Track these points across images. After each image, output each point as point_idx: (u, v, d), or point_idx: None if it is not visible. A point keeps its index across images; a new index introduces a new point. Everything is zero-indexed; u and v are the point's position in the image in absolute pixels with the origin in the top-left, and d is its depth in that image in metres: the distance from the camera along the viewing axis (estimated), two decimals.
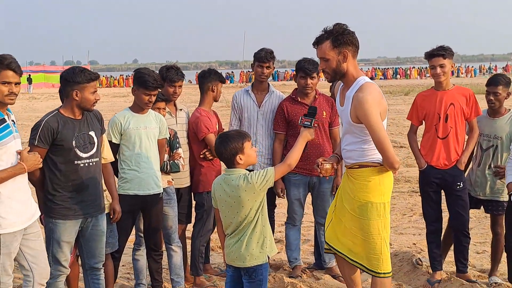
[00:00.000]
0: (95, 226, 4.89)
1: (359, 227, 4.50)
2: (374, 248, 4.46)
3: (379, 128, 4.24)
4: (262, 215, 4.18)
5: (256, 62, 6.35)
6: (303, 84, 6.08)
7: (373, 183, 4.43)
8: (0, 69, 4.15)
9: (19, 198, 4.28)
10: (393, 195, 10.22)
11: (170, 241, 5.82)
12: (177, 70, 6.02)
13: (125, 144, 5.42)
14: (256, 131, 6.37)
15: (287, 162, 4.20)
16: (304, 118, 4.41)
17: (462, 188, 5.87)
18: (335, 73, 4.42)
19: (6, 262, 4.22)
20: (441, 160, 5.86)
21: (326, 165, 4.59)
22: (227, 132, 4.32)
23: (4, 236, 4.19)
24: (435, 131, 5.86)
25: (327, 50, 4.35)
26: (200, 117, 5.98)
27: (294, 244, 6.37)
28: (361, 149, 4.44)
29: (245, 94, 6.49)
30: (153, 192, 5.45)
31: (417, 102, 6.07)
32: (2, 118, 4.21)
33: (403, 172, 11.91)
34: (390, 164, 4.33)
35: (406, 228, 8.35)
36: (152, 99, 5.40)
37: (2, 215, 4.16)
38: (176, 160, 5.78)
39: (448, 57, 5.80)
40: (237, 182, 4.08)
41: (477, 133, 5.90)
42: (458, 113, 5.78)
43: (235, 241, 4.18)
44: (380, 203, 4.43)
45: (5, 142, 4.17)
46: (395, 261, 6.64)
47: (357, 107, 4.26)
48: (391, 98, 32.45)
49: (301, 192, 6.23)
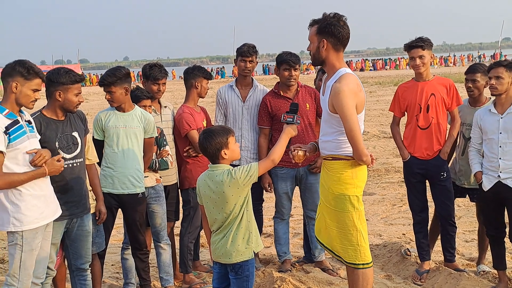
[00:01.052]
0: (81, 226, 4.88)
1: (335, 219, 4.52)
2: (351, 240, 4.47)
3: (352, 120, 4.26)
4: (247, 210, 4.18)
5: (239, 57, 6.36)
6: (287, 76, 6.07)
7: (345, 175, 4.44)
8: (32, 77, 4.25)
9: (40, 195, 4.34)
10: (383, 186, 10.31)
11: (159, 239, 5.82)
12: (160, 68, 6.00)
13: (106, 142, 5.42)
14: (241, 126, 6.37)
15: (271, 157, 4.20)
16: (286, 115, 4.43)
17: (446, 177, 5.90)
18: (314, 57, 4.53)
19: (27, 260, 4.28)
20: (424, 150, 5.88)
21: (299, 152, 4.60)
22: (211, 128, 4.32)
23: (25, 233, 4.25)
24: (416, 121, 5.89)
25: (312, 34, 4.49)
26: (182, 114, 5.99)
27: (283, 238, 6.38)
28: (337, 140, 4.45)
29: (229, 89, 6.50)
30: (128, 192, 5.39)
31: (398, 93, 6.10)
32: (15, 119, 4.26)
33: (393, 162, 11.96)
34: (359, 156, 4.35)
35: (396, 219, 8.37)
36: (108, 97, 5.38)
37: (23, 212, 4.24)
38: (165, 157, 5.78)
39: (427, 48, 5.82)
40: (221, 178, 4.08)
41: (459, 123, 5.92)
42: (439, 103, 5.80)
43: (220, 238, 4.18)
44: (354, 195, 4.45)
45: (19, 142, 4.22)
46: (384, 252, 6.67)
47: (334, 97, 4.30)
48: (381, 89, 32.54)
49: (288, 186, 6.23)
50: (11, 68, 4.26)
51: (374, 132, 15.96)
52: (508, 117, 5.37)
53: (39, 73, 4.30)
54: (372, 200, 9.39)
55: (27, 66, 4.26)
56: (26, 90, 4.25)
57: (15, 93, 4.24)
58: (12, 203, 4.22)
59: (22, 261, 4.25)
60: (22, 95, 4.25)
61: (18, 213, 4.22)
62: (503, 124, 5.38)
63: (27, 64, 4.27)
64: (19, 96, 4.25)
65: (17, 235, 4.25)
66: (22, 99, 4.26)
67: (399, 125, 6.19)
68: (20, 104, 4.30)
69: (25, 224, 4.24)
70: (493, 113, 5.47)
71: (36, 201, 4.30)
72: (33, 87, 4.28)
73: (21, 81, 4.23)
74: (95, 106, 27.96)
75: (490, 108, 5.51)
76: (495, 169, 5.39)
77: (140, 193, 5.47)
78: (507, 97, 5.41)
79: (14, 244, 4.26)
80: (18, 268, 4.25)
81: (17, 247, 4.24)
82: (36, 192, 4.30)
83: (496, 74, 5.39)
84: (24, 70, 4.24)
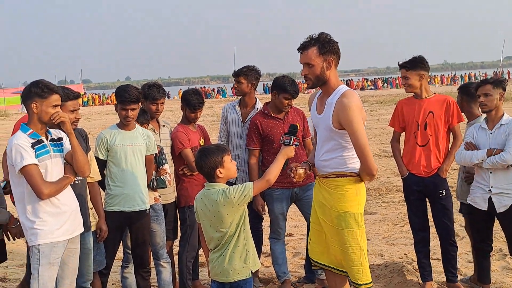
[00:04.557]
0: (82, 244, 4.86)
1: (337, 238, 4.49)
2: (353, 259, 4.45)
3: (362, 134, 4.29)
4: (244, 229, 4.18)
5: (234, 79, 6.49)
6: (285, 104, 6.08)
7: (350, 193, 4.44)
8: (48, 94, 4.35)
9: (57, 212, 4.40)
10: (384, 205, 10.26)
11: (158, 257, 5.81)
12: (159, 88, 6.04)
13: (112, 161, 5.43)
14: (239, 145, 6.41)
15: (266, 178, 4.20)
16: (284, 136, 4.44)
17: (445, 196, 5.87)
18: (317, 79, 4.45)
19: (45, 273, 4.33)
20: (422, 168, 5.88)
21: (300, 170, 4.60)
22: (207, 146, 4.36)
23: (41, 247, 4.32)
24: (414, 138, 5.92)
25: (313, 56, 4.40)
26: (176, 132, 6.08)
27: (280, 258, 6.33)
28: (341, 157, 4.45)
29: (232, 108, 6.56)
30: (139, 209, 5.44)
31: (398, 108, 6.14)
32: (39, 139, 4.37)
33: (394, 181, 11.91)
34: (370, 171, 4.36)
35: (397, 239, 8.32)
36: (129, 114, 5.40)
37: (37, 227, 4.33)
38: (163, 176, 5.78)
39: (412, 69, 5.86)
40: (216, 197, 4.09)
41: (460, 140, 5.88)
42: (438, 120, 5.80)
43: (218, 256, 4.18)
44: (358, 213, 4.44)
45: (41, 160, 4.32)
46: (385, 272, 6.61)
47: (341, 113, 4.30)
48: (381, 107, 32.55)
49: (284, 206, 6.21)
50: (28, 91, 4.37)
51: (375, 151, 15.93)
52: (497, 132, 5.48)
53: (54, 89, 4.39)
54: (374, 220, 9.34)
55: (40, 85, 4.36)
56: (45, 108, 4.34)
57: (37, 113, 4.34)
58: (28, 219, 4.34)
59: (39, 275, 4.31)
60: (43, 113, 4.35)
61: (33, 229, 4.32)
62: (493, 139, 5.49)
63: (41, 84, 4.38)
64: (41, 115, 4.35)
65: (35, 249, 4.32)
66: (44, 117, 4.36)
67: (399, 141, 6.21)
68: (44, 123, 4.39)
69: (40, 238, 4.31)
70: (483, 128, 5.60)
71: (52, 218, 4.36)
72: (52, 104, 4.37)
73: (39, 101, 4.33)
74: (97, 125, 28.04)
75: (481, 124, 5.64)
76: (486, 183, 5.48)
77: (147, 209, 5.51)
78: (496, 113, 5.52)
79: (32, 259, 4.35)
80: (36, 283, 4.31)
81: (35, 261, 4.33)
82: (51, 210, 4.37)
83: (484, 91, 5.50)
84: (39, 90, 4.33)
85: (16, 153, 4.24)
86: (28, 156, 4.24)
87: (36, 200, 4.30)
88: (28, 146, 4.27)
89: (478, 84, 5.67)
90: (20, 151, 4.23)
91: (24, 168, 4.22)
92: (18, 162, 4.23)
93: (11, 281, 6.93)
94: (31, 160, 4.24)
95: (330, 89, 4.48)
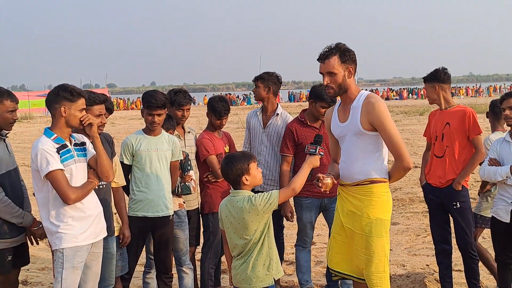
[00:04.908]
0: (105, 249, 4.89)
1: (364, 246, 4.47)
2: (378, 266, 4.44)
3: (394, 129, 4.39)
4: (269, 237, 4.19)
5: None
6: (322, 112, 6.04)
7: (383, 199, 4.47)
8: (76, 98, 4.41)
9: (81, 217, 4.42)
10: (407, 215, 10.22)
11: (181, 263, 5.84)
12: (185, 94, 6.08)
13: (136, 166, 5.46)
14: (260, 151, 6.46)
15: (292, 186, 4.22)
16: (310, 146, 4.45)
17: (460, 208, 5.79)
18: (340, 88, 4.51)
19: (68, 277, 4.33)
20: (437, 178, 5.89)
21: (327, 179, 4.59)
22: (233, 153, 4.37)
23: (65, 251, 4.33)
24: (433, 149, 5.98)
25: (335, 65, 4.46)
26: (201, 139, 6.12)
27: (304, 266, 6.34)
28: (374, 163, 4.47)
29: (254, 115, 6.64)
30: (162, 214, 5.46)
31: (428, 119, 6.22)
32: (63, 143, 4.40)
33: (418, 192, 11.84)
34: (407, 165, 4.43)
35: (419, 249, 8.28)
36: (155, 119, 5.43)
37: (62, 231, 4.34)
38: (188, 182, 5.82)
39: (428, 82, 5.98)
40: (241, 204, 4.11)
41: (480, 154, 5.76)
42: (454, 132, 5.77)
43: (241, 263, 4.19)
44: (388, 220, 4.47)
45: (65, 165, 4.35)
46: (407, 283, 6.58)
47: (371, 112, 4.37)
48: (406, 118, 32.39)
49: (313, 216, 6.22)
50: (55, 95, 4.39)
51: None
52: None
53: (82, 93, 4.44)
54: (396, 230, 9.30)
55: (69, 89, 4.40)
56: (74, 111, 4.38)
57: (65, 117, 4.37)
58: (52, 224, 4.34)
59: (63, 278, 4.32)
60: (71, 117, 4.38)
61: (57, 233, 4.32)
62: None
63: (69, 88, 4.42)
64: (69, 119, 4.38)
65: (59, 253, 4.33)
66: (72, 120, 4.40)
67: (429, 151, 6.21)
68: (71, 126, 4.43)
69: (64, 242, 4.31)
70: (508, 141, 5.59)
71: (76, 222, 4.37)
72: (80, 107, 4.41)
73: (68, 105, 4.36)
74: (121, 130, 28.28)
75: (505, 137, 5.62)
76: (510, 196, 5.50)
77: (171, 215, 5.53)
78: None
79: (56, 263, 4.35)
80: (60, 286, 4.32)
81: (58, 265, 4.33)
82: (76, 214, 4.37)
83: (510, 105, 5.51)
84: (68, 94, 4.37)
85: (42, 158, 4.25)
86: (54, 161, 4.25)
87: (60, 205, 4.32)
88: (54, 151, 4.28)
89: (503, 97, 5.66)
90: (46, 156, 4.24)
91: (50, 174, 4.23)
92: (44, 168, 4.24)
93: (32, 284, 7.03)
94: (57, 165, 4.25)
95: (352, 96, 4.55)
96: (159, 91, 5.66)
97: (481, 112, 33.86)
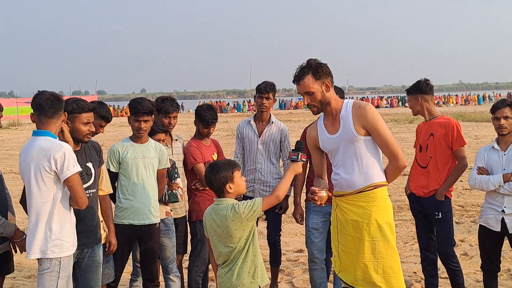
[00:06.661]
0: (92, 257, 4.89)
1: (377, 251, 4.41)
2: (393, 266, 4.41)
3: (387, 130, 4.42)
4: (253, 244, 4.19)
5: (257, 93, 6.53)
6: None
7: (387, 202, 4.50)
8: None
9: (73, 223, 4.39)
10: (395, 223, 10.17)
11: (168, 271, 5.83)
12: (172, 101, 6.10)
13: (123, 173, 5.46)
14: (256, 160, 6.51)
15: (275, 193, 4.23)
16: (291, 153, 4.44)
17: (441, 219, 5.83)
18: (321, 104, 4.49)
19: (63, 287, 4.28)
20: (420, 188, 5.94)
21: (322, 193, 4.56)
22: (217, 162, 4.37)
23: (63, 259, 4.28)
24: (417, 159, 6.04)
25: (311, 84, 4.43)
26: (189, 147, 6.14)
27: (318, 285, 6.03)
28: (373, 167, 4.46)
29: (247, 124, 6.67)
30: (148, 222, 5.45)
31: (416, 132, 6.26)
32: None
33: (406, 200, 11.76)
34: (403, 163, 4.45)
35: (407, 257, 8.30)
36: (142, 126, 5.44)
37: (63, 238, 4.27)
38: (175, 190, 5.82)
39: (410, 94, 6.03)
40: (225, 212, 4.11)
41: (461, 165, 5.79)
42: (437, 143, 5.81)
43: (226, 271, 4.19)
44: (392, 222, 4.47)
45: None
46: None
47: (364, 115, 4.38)
48: (396, 126, 32.50)
49: (320, 222, 5.94)
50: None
51: None
52: (510, 154, 5.53)
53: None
54: None
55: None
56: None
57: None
58: (52, 229, 4.21)
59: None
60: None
61: (58, 240, 4.22)
62: (506, 160, 5.53)
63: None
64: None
65: (55, 261, 4.23)
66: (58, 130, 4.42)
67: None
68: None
69: (64, 250, 4.27)
70: (496, 149, 5.63)
71: (73, 229, 4.37)
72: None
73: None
74: (110, 137, 28.15)
75: (493, 145, 5.67)
76: (499, 204, 5.52)
77: (157, 223, 5.52)
78: (510, 135, 5.58)
79: (50, 271, 4.23)
80: None
81: (54, 273, 4.22)
82: (72, 221, 4.37)
83: (504, 114, 5.53)
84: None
85: (69, 158, 4.13)
86: (76, 163, 4.20)
87: (63, 211, 4.25)
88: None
89: (497, 106, 5.65)
90: (73, 157, 4.17)
91: (75, 175, 4.16)
92: (71, 167, 4.12)
93: None
94: (79, 167, 4.21)
95: (337, 107, 4.53)
96: (146, 98, 5.67)
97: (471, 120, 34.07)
